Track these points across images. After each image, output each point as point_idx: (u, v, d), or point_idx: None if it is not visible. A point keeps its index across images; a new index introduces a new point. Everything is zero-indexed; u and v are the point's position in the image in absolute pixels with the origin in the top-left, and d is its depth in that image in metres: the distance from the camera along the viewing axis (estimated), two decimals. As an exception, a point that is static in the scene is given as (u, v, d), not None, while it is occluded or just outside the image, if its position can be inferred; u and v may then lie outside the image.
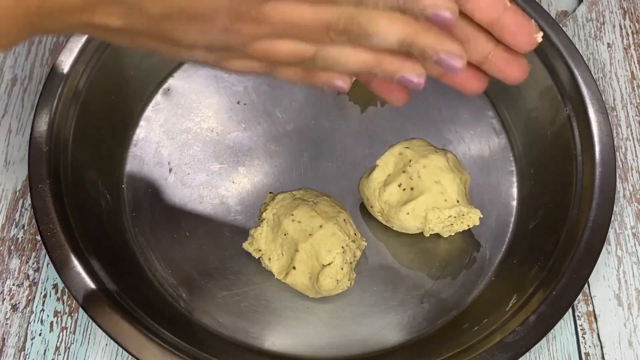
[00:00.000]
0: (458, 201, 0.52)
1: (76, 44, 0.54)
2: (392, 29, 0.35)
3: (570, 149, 0.54)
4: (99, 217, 0.53)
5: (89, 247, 0.49)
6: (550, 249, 0.51)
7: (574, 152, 0.54)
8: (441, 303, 0.53)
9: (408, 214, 0.51)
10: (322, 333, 0.51)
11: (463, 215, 0.52)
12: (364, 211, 0.55)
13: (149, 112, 0.60)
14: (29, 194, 0.55)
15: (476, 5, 0.38)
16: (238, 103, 0.60)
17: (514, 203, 0.57)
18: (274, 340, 0.51)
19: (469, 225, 0.52)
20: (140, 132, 0.59)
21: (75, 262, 0.47)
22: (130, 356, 0.50)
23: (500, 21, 0.38)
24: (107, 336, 0.49)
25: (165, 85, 0.61)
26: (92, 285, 0.46)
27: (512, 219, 0.56)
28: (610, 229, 0.56)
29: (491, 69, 0.40)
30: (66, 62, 0.53)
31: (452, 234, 0.54)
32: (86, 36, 0.54)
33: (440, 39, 0.35)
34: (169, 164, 0.57)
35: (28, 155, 0.50)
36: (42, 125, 0.51)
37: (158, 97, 0.60)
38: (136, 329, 0.45)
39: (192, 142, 0.58)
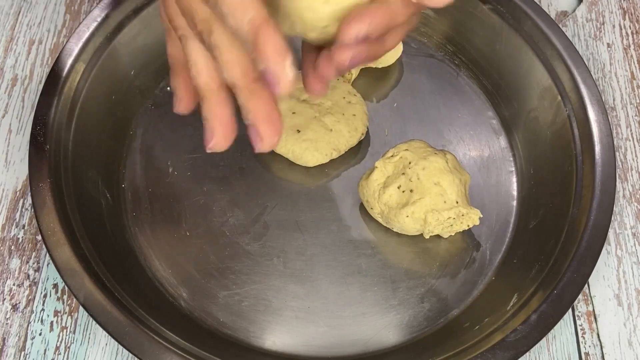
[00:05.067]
0: (457, 202, 0.52)
1: (76, 44, 0.54)
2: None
3: (570, 149, 0.54)
4: (99, 217, 0.53)
5: (90, 246, 0.49)
6: (550, 248, 0.51)
7: (574, 152, 0.54)
8: (442, 302, 0.53)
9: (408, 216, 0.51)
10: (322, 333, 0.51)
11: (463, 215, 0.52)
12: (364, 212, 0.55)
13: (149, 111, 0.60)
14: (29, 194, 0.55)
15: None
16: (239, 102, 0.60)
17: (514, 203, 0.57)
18: (275, 339, 0.51)
19: (468, 225, 0.52)
20: (141, 132, 0.59)
21: (76, 261, 0.47)
22: (130, 355, 0.50)
23: None
24: (107, 335, 0.49)
25: (167, 85, 0.61)
26: (92, 284, 0.46)
27: (512, 219, 0.56)
28: (610, 229, 0.56)
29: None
30: (66, 62, 0.53)
31: (452, 234, 0.54)
32: (86, 36, 0.54)
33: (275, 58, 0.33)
34: (169, 163, 0.57)
35: (28, 154, 0.50)
36: (42, 125, 0.51)
37: (159, 97, 0.60)
38: (137, 328, 0.45)
39: (192, 142, 0.58)
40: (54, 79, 0.53)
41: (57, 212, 0.48)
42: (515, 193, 0.57)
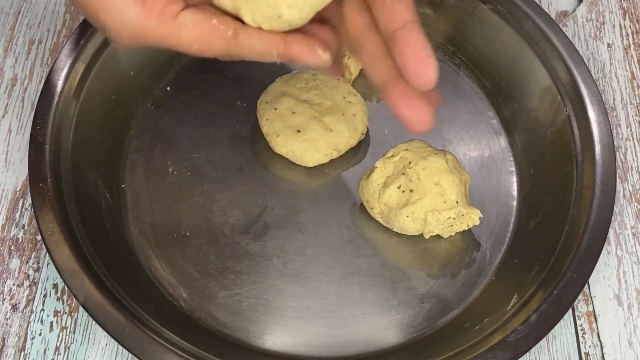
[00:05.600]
0: (457, 202, 0.52)
1: (76, 44, 0.54)
2: None
3: (570, 149, 0.54)
4: (99, 217, 0.53)
5: (90, 246, 0.49)
6: (550, 249, 0.51)
7: (574, 152, 0.54)
8: (442, 303, 0.53)
9: (407, 216, 0.51)
10: (322, 333, 0.51)
11: (462, 215, 0.52)
12: (364, 212, 0.55)
13: (149, 111, 0.60)
14: (29, 193, 0.55)
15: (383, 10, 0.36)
16: (238, 103, 0.60)
17: (514, 203, 0.57)
18: (275, 340, 0.51)
19: (469, 225, 0.52)
20: (141, 132, 0.59)
21: (76, 261, 0.47)
22: (130, 356, 0.50)
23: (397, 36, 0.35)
24: (107, 335, 0.49)
25: (166, 85, 0.61)
26: (92, 284, 0.46)
27: (513, 219, 0.56)
28: (610, 229, 0.56)
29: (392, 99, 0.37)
30: (66, 62, 0.53)
31: (452, 234, 0.54)
32: (86, 36, 0.54)
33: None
34: (169, 163, 0.57)
35: (28, 154, 0.50)
36: (42, 125, 0.51)
37: (159, 97, 0.60)
38: (137, 328, 0.45)
39: (192, 142, 0.58)
40: (54, 79, 0.53)
41: (57, 212, 0.48)
42: (515, 193, 0.57)
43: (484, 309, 0.52)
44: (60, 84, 0.53)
